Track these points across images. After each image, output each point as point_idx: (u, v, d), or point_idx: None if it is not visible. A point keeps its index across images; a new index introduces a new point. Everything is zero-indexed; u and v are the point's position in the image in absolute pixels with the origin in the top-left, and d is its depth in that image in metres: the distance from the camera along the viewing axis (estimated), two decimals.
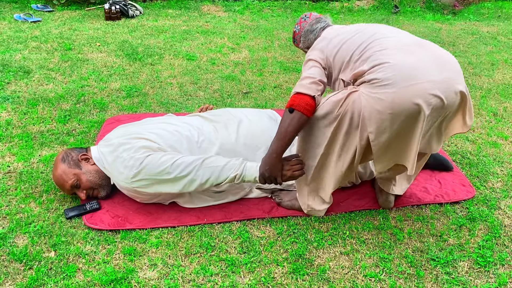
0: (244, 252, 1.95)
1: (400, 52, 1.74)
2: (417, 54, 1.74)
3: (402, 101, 1.68)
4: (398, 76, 1.68)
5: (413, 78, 1.68)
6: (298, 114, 1.82)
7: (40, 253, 1.88)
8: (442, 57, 1.78)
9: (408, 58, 1.72)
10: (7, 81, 3.48)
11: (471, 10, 7.11)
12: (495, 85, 3.86)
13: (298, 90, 1.84)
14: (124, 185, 2.04)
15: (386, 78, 1.69)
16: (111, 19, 5.37)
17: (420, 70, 1.69)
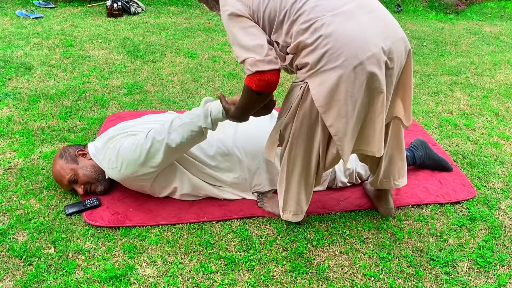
0: (244, 250, 1.95)
1: (341, 18, 1.52)
2: (357, 17, 1.53)
3: (353, 78, 1.53)
4: (349, 52, 1.49)
5: (363, 50, 1.50)
6: (266, 94, 1.61)
7: (40, 249, 1.88)
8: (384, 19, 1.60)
9: (351, 25, 1.51)
10: (9, 77, 3.48)
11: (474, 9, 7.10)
12: (497, 85, 3.85)
13: (260, 69, 1.52)
14: (116, 176, 2.07)
15: (335, 57, 1.50)
16: (113, 16, 5.37)
17: (365, 40, 1.51)
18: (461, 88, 3.78)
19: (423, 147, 2.51)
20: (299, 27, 1.53)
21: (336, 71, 1.52)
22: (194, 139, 1.94)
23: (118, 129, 2.17)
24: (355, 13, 1.53)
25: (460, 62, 4.44)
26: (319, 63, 1.53)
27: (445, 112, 3.31)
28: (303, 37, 1.53)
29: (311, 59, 1.54)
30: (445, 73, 4.14)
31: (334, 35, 1.50)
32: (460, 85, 3.84)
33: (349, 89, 1.54)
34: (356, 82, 1.53)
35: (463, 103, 3.48)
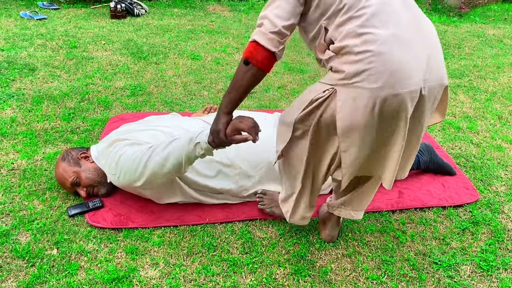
0: (246, 252, 1.94)
1: (397, 42, 1.44)
2: (413, 46, 1.46)
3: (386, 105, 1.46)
4: (389, 79, 1.43)
5: (403, 83, 1.44)
6: (254, 69, 1.54)
7: (42, 250, 1.88)
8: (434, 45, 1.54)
9: (403, 54, 1.44)
10: (12, 78, 3.49)
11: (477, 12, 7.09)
12: (501, 88, 3.85)
13: (258, 40, 1.51)
14: (115, 183, 2.07)
15: (375, 79, 1.43)
16: (116, 18, 5.38)
17: (412, 72, 1.45)
18: (464, 91, 3.77)
19: (429, 152, 2.49)
20: (353, 29, 1.44)
21: (370, 92, 1.44)
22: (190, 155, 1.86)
23: (122, 132, 2.17)
24: (412, 43, 1.46)
25: (463, 65, 4.44)
26: (355, 77, 1.44)
27: (448, 115, 3.31)
28: (352, 42, 1.43)
29: (349, 69, 1.45)
30: (448, 75, 4.13)
31: (383, 57, 1.41)
32: (463, 88, 3.84)
33: (374, 115, 1.48)
34: (384, 110, 1.47)
35: (466, 106, 3.47)
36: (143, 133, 2.13)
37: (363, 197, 1.89)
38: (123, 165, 1.99)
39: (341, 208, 1.93)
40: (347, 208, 1.92)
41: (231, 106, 1.63)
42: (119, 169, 2.00)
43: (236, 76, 1.57)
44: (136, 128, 2.20)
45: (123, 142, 2.08)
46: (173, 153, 1.86)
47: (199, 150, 1.81)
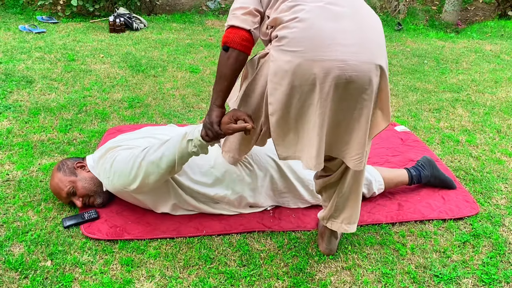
0: (244, 265, 1.91)
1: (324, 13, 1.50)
2: (342, 21, 1.50)
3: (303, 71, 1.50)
4: (309, 45, 1.47)
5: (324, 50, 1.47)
6: (234, 52, 1.56)
7: (36, 262, 1.85)
8: (368, 25, 1.56)
9: (328, 24, 1.48)
10: (10, 90, 3.48)
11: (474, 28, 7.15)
12: (499, 102, 3.85)
13: (232, 23, 1.57)
14: (109, 187, 2.04)
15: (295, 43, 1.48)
16: (115, 32, 5.40)
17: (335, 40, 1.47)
18: (463, 105, 3.77)
19: (430, 167, 2.47)
20: (286, 5, 1.53)
21: (290, 55, 1.50)
22: (183, 153, 1.84)
23: (118, 141, 2.15)
24: (342, 18, 1.50)
25: (461, 79, 4.45)
26: (282, 41, 1.51)
27: (447, 129, 3.30)
28: (283, 14, 1.53)
29: (279, 33, 1.52)
30: (446, 90, 4.14)
31: (307, 22, 1.48)
32: (461, 102, 3.84)
33: (296, 82, 1.52)
34: (301, 75, 1.50)
35: (465, 119, 3.47)
36: (139, 141, 2.11)
37: (347, 202, 1.89)
38: (117, 168, 1.96)
39: (332, 221, 1.93)
40: (337, 221, 1.92)
41: (222, 96, 1.66)
42: (113, 172, 1.97)
43: (220, 65, 1.61)
44: (132, 137, 2.18)
45: (117, 148, 2.06)
46: (167, 152, 1.84)
47: (191, 147, 1.79)
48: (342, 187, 1.86)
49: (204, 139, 1.75)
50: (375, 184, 2.33)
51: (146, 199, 2.08)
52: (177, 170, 1.91)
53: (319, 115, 1.56)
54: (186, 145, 1.80)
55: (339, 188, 1.87)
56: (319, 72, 1.48)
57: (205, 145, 1.79)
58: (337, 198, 1.88)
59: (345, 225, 1.92)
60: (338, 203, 1.89)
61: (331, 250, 1.99)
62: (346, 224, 1.92)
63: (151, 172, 1.87)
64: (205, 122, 1.71)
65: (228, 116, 1.67)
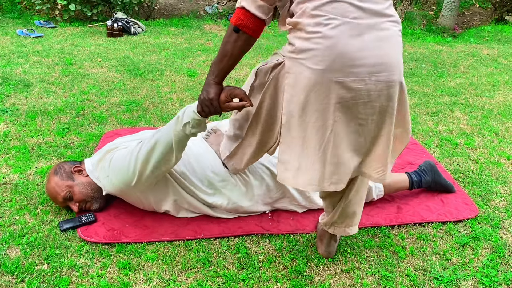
0: (243, 268, 1.89)
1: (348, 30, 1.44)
2: (364, 38, 1.45)
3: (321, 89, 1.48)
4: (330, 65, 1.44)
5: (345, 71, 1.45)
6: (245, 35, 1.53)
7: (32, 265, 1.83)
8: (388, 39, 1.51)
9: (352, 43, 1.44)
10: (7, 94, 3.47)
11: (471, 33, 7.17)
12: (497, 105, 3.85)
13: (247, 7, 1.50)
14: (109, 187, 2.02)
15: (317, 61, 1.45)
16: (113, 36, 5.40)
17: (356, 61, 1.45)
18: (461, 108, 3.77)
19: (432, 172, 2.45)
20: (310, 9, 1.44)
21: (312, 73, 1.47)
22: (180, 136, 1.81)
23: (116, 143, 2.14)
24: (364, 33, 1.45)
25: (459, 83, 4.46)
26: (302, 54, 1.47)
27: (445, 132, 3.30)
28: (306, 21, 1.45)
29: (299, 44, 1.48)
30: (444, 93, 4.14)
31: (331, 40, 1.43)
32: (459, 105, 3.84)
33: (313, 99, 1.50)
34: (324, 96, 1.48)
35: (463, 122, 3.47)
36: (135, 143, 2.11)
37: (352, 209, 1.86)
38: (115, 165, 1.95)
39: (335, 226, 1.91)
40: (341, 226, 1.90)
41: (222, 74, 1.63)
42: (111, 169, 1.96)
43: (226, 44, 1.56)
44: (130, 139, 2.17)
45: (115, 149, 2.06)
46: (162, 138, 1.82)
47: (190, 129, 1.77)
48: (349, 194, 1.82)
49: (201, 114, 1.72)
50: (374, 191, 2.32)
51: (146, 197, 2.06)
52: (178, 157, 1.88)
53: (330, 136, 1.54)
54: (183, 128, 1.78)
55: (345, 195, 1.83)
56: (338, 94, 1.47)
57: (203, 121, 1.76)
58: (343, 205, 1.84)
59: (347, 228, 1.91)
60: (344, 210, 1.85)
61: (330, 252, 1.97)
62: (348, 227, 1.91)
63: (148, 162, 1.86)
64: (202, 98, 1.68)
65: (225, 94, 1.65)
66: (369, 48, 1.45)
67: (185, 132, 1.78)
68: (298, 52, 1.49)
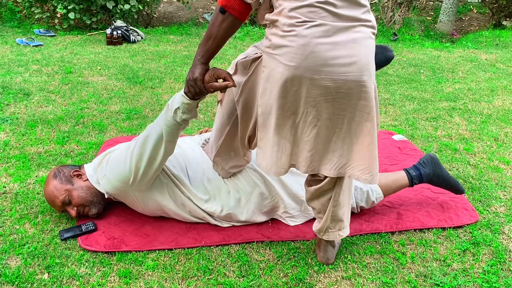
0: (243, 275, 1.89)
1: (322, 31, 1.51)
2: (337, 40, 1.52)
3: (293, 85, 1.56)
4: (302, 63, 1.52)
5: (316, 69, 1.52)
6: (231, 17, 1.56)
7: (33, 275, 1.83)
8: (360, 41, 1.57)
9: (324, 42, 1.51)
10: (7, 103, 3.48)
11: (469, 38, 7.20)
12: (495, 111, 3.86)
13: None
14: (107, 186, 2.04)
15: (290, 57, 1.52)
16: (112, 44, 5.42)
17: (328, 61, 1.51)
18: (460, 113, 3.78)
19: (432, 164, 2.34)
20: (287, 9, 1.52)
21: (285, 68, 1.54)
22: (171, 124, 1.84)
23: (115, 147, 2.16)
24: (337, 34, 1.52)
25: (457, 88, 4.47)
26: (277, 50, 1.55)
27: (444, 137, 3.30)
28: (283, 20, 1.53)
29: (275, 41, 1.56)
30: (443, 99, 4.15)
31: (305, 39, 1.50)
32: (458, 110, 3.85)
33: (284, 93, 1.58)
34: (292, 90, 1.58)
35: (462, 128, 3.48)
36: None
37: (342, 211, 1.89)
38: (112, 163, 1.99)
39: (328, 232, 1.93)
40: (334, 230, 1.92)
41: (207, 55, 1.67)
42: (109, 167, 2.00)
43: (213, 25, 1.60)
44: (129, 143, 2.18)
45: (115, 150, 2.10)
46: (152, 130, 1.87)
47: (180, 114, 1.80)
48: (337, 196, 1.84)
49: (187, 95, 1.75)
50: (372, 194, 2.29)
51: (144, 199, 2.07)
52: (169, 149, 1.90)
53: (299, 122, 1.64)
54: (174, 116, 1.80)
55: (333, 197, 1.84)
56: (308, 88, 1.56)
57: (193, 105, 1.79)
58: (333, 207, 1.86)
59: (341, 231, 1.93)
60: (334, 213, 1.87)
61: (328, 259, 1.97)
62: (341, 230, 1.93)
63: (142, 156, 1.89)
64: (188, 78, 1.71)
65: (209, 74, 1.69)
66: (340, 49, 1.53)
67: (176, 120, 1.81)
68: (274, 48, 1.57)
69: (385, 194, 2.31)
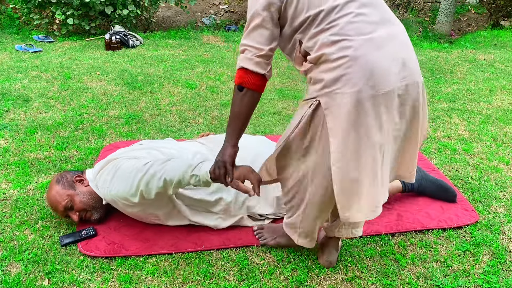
0: (243, 279, 1.89)
1: (371, 46, 1.48)
2: (387, 49, 1.51)
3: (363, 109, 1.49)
4: (365, 83, 1.47)
5: (379, 84, 1.48)
6: (250, 92, 1.58)
7: (33, 281, 1.83)
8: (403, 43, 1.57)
9: (379, 56, 1.48)
10: (6, 109, 3.48)
11: (467, 38, 7.20)
12: (494, 111, 3.86)
13: (246, 66, 1.56)
14: (108, 196, 2.03)
15: (352, 84, 1.47)
16: (111, 49, 5.43)
17: (386, 71, 1.49)
18: (458, 114, 3.79)
19: (418, 171, 2.48)
20: (328, 38, 1.49)
21: (350, 96, 1.47)
22: (182, 181, 1.85)
23: (118, 154, 2.15)
24: (384, 44, 1.50)
25: (456, 89, 4.47)
26: (335, 84, 1.49)
27: (444, 138, 3.31)
28: (328, 50, 1.48)
29: (328, 77, 1.50)
30: (442, 99, 4.15)
31: (359, 60, 1.46)
32: (457, 111, 3.85)
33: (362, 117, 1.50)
34: (369, 112, 1.50)
35: (461, 128, 3.48)
36: (141, 152, 2.12)
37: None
38: (118, 181, 1.96)
39: (341, 228, 1.90)
40: (348, 227, 1.90)
41: (236, 135, 1.66)
42: (114, 181, 1.98)
43: (234, 104, 1.62)
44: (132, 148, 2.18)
45: (119, 159, 2.07)
46: (168, 173, 1.85)
47: (195, 181, 1.82)
48: None
49: (211, 175, 1.76)
50: None
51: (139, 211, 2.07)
52: (172, 192, 1.92)
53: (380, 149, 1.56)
54: (189, 178, 1.82)
55: None
56: (378, 103, 1.49)
57: (210, 183, 1.81)
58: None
59: (354, 230, 1.91)
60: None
61: (331, 262, 1.97)
62: (354, 229, 1.91)
63: (151, 189, 1.88)
64: (217, 160, 1.71)
65: (239, 173, 1.72)
66: (392, 57, 1.50)
67: (190, 181, 1.83)
68: (331, 85, 1.50)
69: None
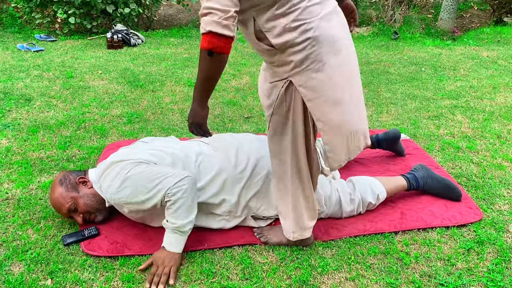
0: (246, 278, 1.89)
1: (324, 21, 1.64)
2: (333, 20, 1.68)
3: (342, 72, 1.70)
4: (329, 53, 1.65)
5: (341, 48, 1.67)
6: (220, 56, 1.57)
7: (36, 281, 1.83)
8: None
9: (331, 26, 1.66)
10: (8, 108, 3.48)
11: (470, 35, 7.17)
12: (498, 108, 3.85)
13: (214, 30, 1.51)
14: (114, 201, 2.02)
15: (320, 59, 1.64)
16: (113, 48, 5.43)
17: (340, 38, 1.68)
18: (462, 111, 3.77)
19: (424, 169, 2.48)
20: (289, 24, 1.60)
21: (320, 68, 1.65)
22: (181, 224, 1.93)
23: (120, 155, 2.12)
24: (331, 18, 1.66)
25: (459, 86, 4.45)
26: (304, 63, 1.65)
27: (447, 135, 3.29)
28: (292, 36, 1.61)
29: (296, 58, 1.64)
30: (445, 97, 4.14)
31: (320, 38, 1.62)
32: (460, 108, 3.84)
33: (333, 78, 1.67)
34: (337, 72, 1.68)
35: (465, 126, 3.46)
36: (145, 154, 2.09)
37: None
38: (129, 189, 1.95)
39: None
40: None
41: (206, 98, 1.71)
42: (124, 187, 1.96)
43: (204, 69, 1.62)
44: (135, 150, 2.15)
45: (124, 162, 2.04)
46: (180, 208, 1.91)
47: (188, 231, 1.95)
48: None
49: (193, 133, 1.83)
50: (382, 195, 2.33)
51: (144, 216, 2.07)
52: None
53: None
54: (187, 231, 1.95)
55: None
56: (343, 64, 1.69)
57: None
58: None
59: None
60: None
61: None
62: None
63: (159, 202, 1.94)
64: (191, 122, 1.76)
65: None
66: (340, 25, 1.70)
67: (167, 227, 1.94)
68: (300, 64, 1.66)
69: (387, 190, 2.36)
